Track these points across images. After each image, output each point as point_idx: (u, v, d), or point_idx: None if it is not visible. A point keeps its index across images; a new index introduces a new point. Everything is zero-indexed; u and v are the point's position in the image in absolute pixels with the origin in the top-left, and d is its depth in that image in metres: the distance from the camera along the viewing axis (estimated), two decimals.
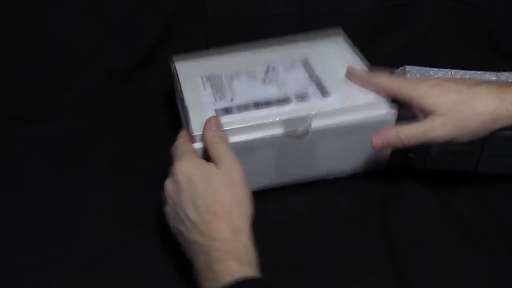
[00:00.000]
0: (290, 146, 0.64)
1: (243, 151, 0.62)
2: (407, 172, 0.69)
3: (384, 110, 0.64)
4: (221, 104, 0.65)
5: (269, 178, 0.66)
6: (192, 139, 0.62)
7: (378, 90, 0.65)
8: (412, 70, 0.75)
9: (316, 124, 0.63)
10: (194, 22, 0.80)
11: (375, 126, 0.64)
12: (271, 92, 0.66)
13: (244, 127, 0.62)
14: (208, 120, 0.62)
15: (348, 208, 0.66)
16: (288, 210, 0.66)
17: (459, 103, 0.60)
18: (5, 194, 0.67)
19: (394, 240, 0.63)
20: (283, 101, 0.65)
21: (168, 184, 0.58)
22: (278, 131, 0.63)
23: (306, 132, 0.63)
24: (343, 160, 0.68)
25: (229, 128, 0.62)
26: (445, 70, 0.75)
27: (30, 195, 0.67)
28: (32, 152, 0.71)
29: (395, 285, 0.59)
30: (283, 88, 0.67)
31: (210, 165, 0.58)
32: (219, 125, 0.62)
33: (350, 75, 0.67)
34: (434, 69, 0.76)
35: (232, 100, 0.66)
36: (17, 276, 0.59)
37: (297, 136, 0.63)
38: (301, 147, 0.64)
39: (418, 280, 0.60)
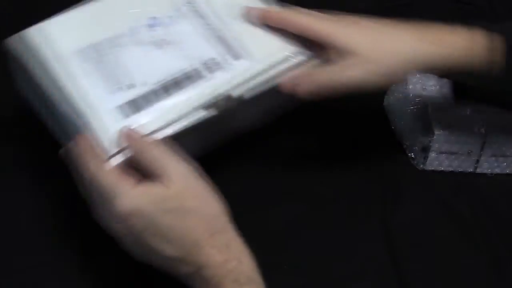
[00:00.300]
0: (212, 121, 0.56)
1: None
2: (407, 172, 0.69)
3: (305, 61, 0.59)
4: (121, 97, 0.52)
5: (191, 152, 0.56)
6: (103, 156, 0.50)
7: (289, 29, 0.58)
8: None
9: (236, 92, 0.56)
10: None
11: None
12: (173, 62, 0.55)
13: (161, 125, 0.52)
14: (124, 134, 0.51)
15: (348, 208, 0.66)
16: (288, 210, 0.66)
17: (375, 42, 0.57)
18: (5, 194, 0.67)
19: (394, 240, 0.63)
20: (193, 76, 0.55)
21: (118, 229, 0.49)
22: (198, 115, 0.54)
23: (227, 105, 0.56)
24: (265, 113, 0.62)
25: (147, 133, 0.51)
26: None
27: (30, 195, 0.67)
28: (32, 152, 0.71)
29: (395, 285, 0.60)
30: (184, 54, 0.56)
31: (156, 188, 0.49)
32: (138, 133, 0.51)
33: (252, 16, 0.59)
34: None
35: (132, 85, 0.53)
36: (17, 276, 0.60)
37: (219, 111, 0.55)
38: (223, 116, 0.56)
39: (418, 280, 0.60)
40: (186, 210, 0.49)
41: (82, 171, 0.50)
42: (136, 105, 0.53)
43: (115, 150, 0.50)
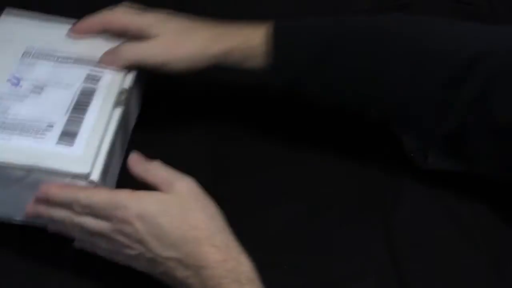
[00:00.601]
0: (122, 118, 0.61)
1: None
2: (407, 172, 0.69)
3: None
4: (52, 136, 0.56)
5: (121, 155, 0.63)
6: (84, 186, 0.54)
7: (109, 29, 0.65)
8: None
9: (126, 84, 0.63)
10: None
11: None
12: (62, 95, 0.60)
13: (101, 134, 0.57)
14: (131, 161, 0.55)
15: (348, 208, 0.66)
16: (288, 210, 0.66)
17: (178, 30, 0.64)
18: None
19: (394, 240, 0.63)
20: (87, 92, 0.60)
21: (120, 239, 0.52)
22: (118, 113, 0.60)
23: (126, 97, 0.62)
24: (138, 102, 0.70)
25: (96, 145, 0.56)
26: None
27: None
28: None
29: (395, 285, 0.59)
30: (64, 85, 0.60)
31: (156, 193, 0.52)
32: (142, 159, 0.56)
33: (77, 31, 0.66)
34: None
35: (50, 124, 0.57)
36: (17, 276, 0.60)
37: (124, 104, 0.62)
38: (124, 110, 0.62)
39: (418, 280, 0.60)
40: (187, 210, 0.52)
41: (74, 207, 0.52)
42: (69, 133, 0.56)
43: (88, 170, 0.54)
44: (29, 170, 0.54)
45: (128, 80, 0.64)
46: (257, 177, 0.69)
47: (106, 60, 0.63)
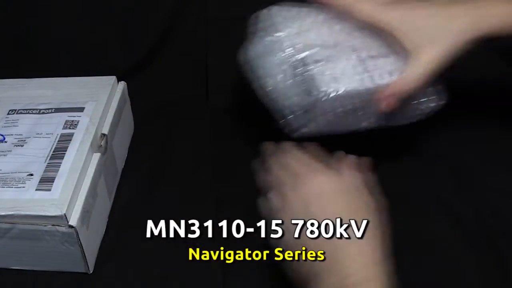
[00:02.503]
0: (103, 161, 0.64)
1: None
2: (406, 172, 0.69)
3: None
4: (32, 184, 0.58)
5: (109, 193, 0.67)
6: None
7: (348, 17, 0.60)
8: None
9: (105, 130, 0.66)
10: (194, 22, 0.81)
11: None
12: (43, 144, 0.63)
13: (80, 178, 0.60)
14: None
15: None
16: None
17: (440, 29, 0.57)
18: None
19: (394, 240, 0.63)
20: (66, 138, 0.63)
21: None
22: (96, 158, 0.62)
23: (106, 142, 0.65)
24: (124, 140, 0.74)
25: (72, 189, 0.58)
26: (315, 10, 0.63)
27: None
28: None
29: (396, 285, 0.59)
30: (45, 134, 0.64)
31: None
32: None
33: None
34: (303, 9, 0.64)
35: (30, 174, 0.59)
36: (17, 276, 0.60)
37: (104, 148, 0.64)
38: (106, 154, 0.65)
39: (418, 280, 0.60)
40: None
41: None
42: (47, 179, 0.59)
43: (63, 212, 0.55)
44: (11, 219, 0.56)
45: (107, 124, 0.66)
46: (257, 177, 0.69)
47: (385, 100, 0.60)
